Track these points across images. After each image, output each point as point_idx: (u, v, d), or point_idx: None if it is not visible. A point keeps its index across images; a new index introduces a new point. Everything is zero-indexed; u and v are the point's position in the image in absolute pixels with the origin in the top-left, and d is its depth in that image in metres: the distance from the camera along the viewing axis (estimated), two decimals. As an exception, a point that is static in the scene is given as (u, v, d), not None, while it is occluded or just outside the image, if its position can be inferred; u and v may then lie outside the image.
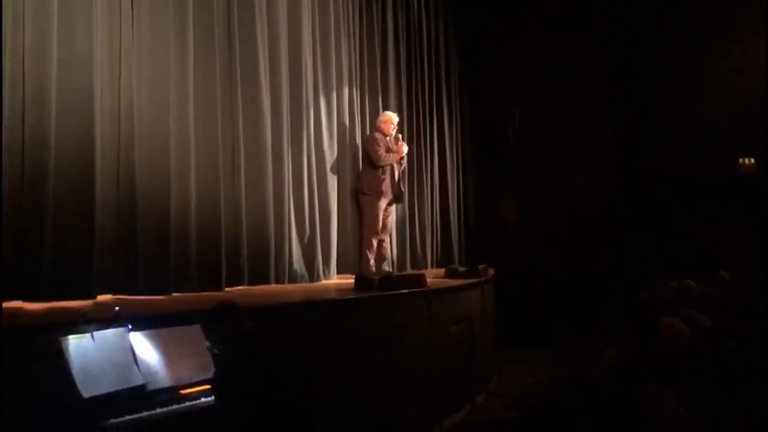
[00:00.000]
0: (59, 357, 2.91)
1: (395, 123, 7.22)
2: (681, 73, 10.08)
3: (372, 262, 6.96)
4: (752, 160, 9.89)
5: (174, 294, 4.82)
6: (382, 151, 6.99)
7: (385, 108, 7.90)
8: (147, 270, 4.70)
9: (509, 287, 9.03)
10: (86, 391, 2.87)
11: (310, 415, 3.10)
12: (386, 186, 7.04)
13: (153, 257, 4.75)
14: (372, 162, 7.03)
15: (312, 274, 6.43)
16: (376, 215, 7.02)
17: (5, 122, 3.93)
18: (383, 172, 7.04)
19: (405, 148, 7.25)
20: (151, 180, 4.80)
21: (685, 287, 6.16)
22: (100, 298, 4.31)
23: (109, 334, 3.16)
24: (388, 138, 7.14)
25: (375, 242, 7.03)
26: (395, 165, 7.14)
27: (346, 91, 7.32)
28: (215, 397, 3.10)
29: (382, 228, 7.09)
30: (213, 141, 5.38)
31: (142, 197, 4.71)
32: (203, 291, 5.01)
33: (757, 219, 9.36)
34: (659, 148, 10.18)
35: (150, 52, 4.87)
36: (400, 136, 7.34)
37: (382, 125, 7.18)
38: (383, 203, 7.07)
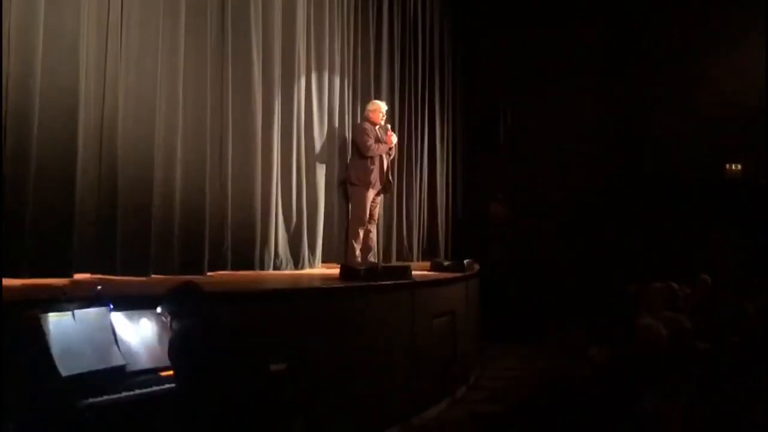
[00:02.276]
0: (38, 334, 2.87)
1: (384, 112, 7.16)
2: (676, 75, 10.14)
3: (358, 252, 6.94)
4: (739, 166, 9.98)
5: (154, 276, 4.78)
6: (371, 141, 6.94)
7: (377, 99, 7.86)
8: (127, 250, 4.64)
9: (496, 282, 9.06)
10: (65, 370, 2.83)
11: (287, 404, 3.08)
12: (375, 176, 7.00)
13: (134, 238, 4.69)
14: (361, 152, 6.98)
15: (297, 262, 6.41)
16: (364, 206, 6.99)
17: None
18: (372, 163, 6.99)
19: (394, 139, 7.20)
20: (135, 161, 4.74)
21: (668, 289, 6.19)
22: (78, 276, 4.26)
23: (90, 313, 3.12)
24: (377, 127, 7.10)
25: (361, 233, 7.01)
26: (384, 155, 7.10)
27: (338, 81, 7.28)
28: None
29: (369, 218, 7.07)
30: (201, 124, 5.31)
31: (125, 177, 4.65)
32: (184, 274, 4.96)
33: (742, 224, 9.44)
34: (649, 150, 10.25)
35: (138, 33, 4.79)
36: (389, 126, 7.29)
37: (371, 114, 7.12)
38: (371, 194, 7.04)
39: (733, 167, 10.04)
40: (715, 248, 9.38)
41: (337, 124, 7.25)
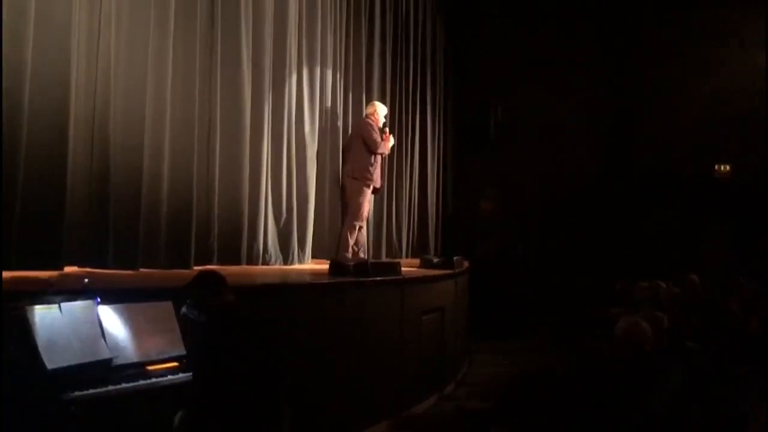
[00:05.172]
0: (24, 326, 2.85)
1: (384, 115, 7.16)
2: (666, 75, 10.18)
3: (350, 247, 6.92)
4: (728, 167, 10.05)
5: (142, 270, 4.75)
6: (379, 138, 6.94)
7: (369, 95, 7.84)
8: (116, 244, 4.61)
9: (485, 279, 9.07)
10: (50, 363, 2.82)
11: (278, 395, 3.09)
12: (377, 175, 7.00)
13: (123, 231, 4.66)
14: (370, 148, 6.91)
15: (287, 258, 6.38)
16: (363, 202, 6.95)
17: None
18: (376, 160, 6.98)
19: (391, 141, 7.20)
20: (124, 153, 4.71)
21: (655, 288, 6.25)
22: (67, 269, 4.24)
23: (77, 305, 3.10)
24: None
25: (357, 228, 6.98)
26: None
27: (329, 76, 7.23)
28: (188, 363, 3.07)
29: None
30: (189, 117, 5.26)
31: (115, 170, 4.62)
32: (171, 268, 4.94)
33: (730, 224, 9.51)
34: (639, 148, 10.30)
35: (129, 22, 4.76)
36: (387, 129, 7.27)
37: (373, 116, 7.09)
38: (369, 191, 7.03)
39: (723, 168, 10.10)
40: (704, 248, 9.44)
41: (329, 120, 7.21)
